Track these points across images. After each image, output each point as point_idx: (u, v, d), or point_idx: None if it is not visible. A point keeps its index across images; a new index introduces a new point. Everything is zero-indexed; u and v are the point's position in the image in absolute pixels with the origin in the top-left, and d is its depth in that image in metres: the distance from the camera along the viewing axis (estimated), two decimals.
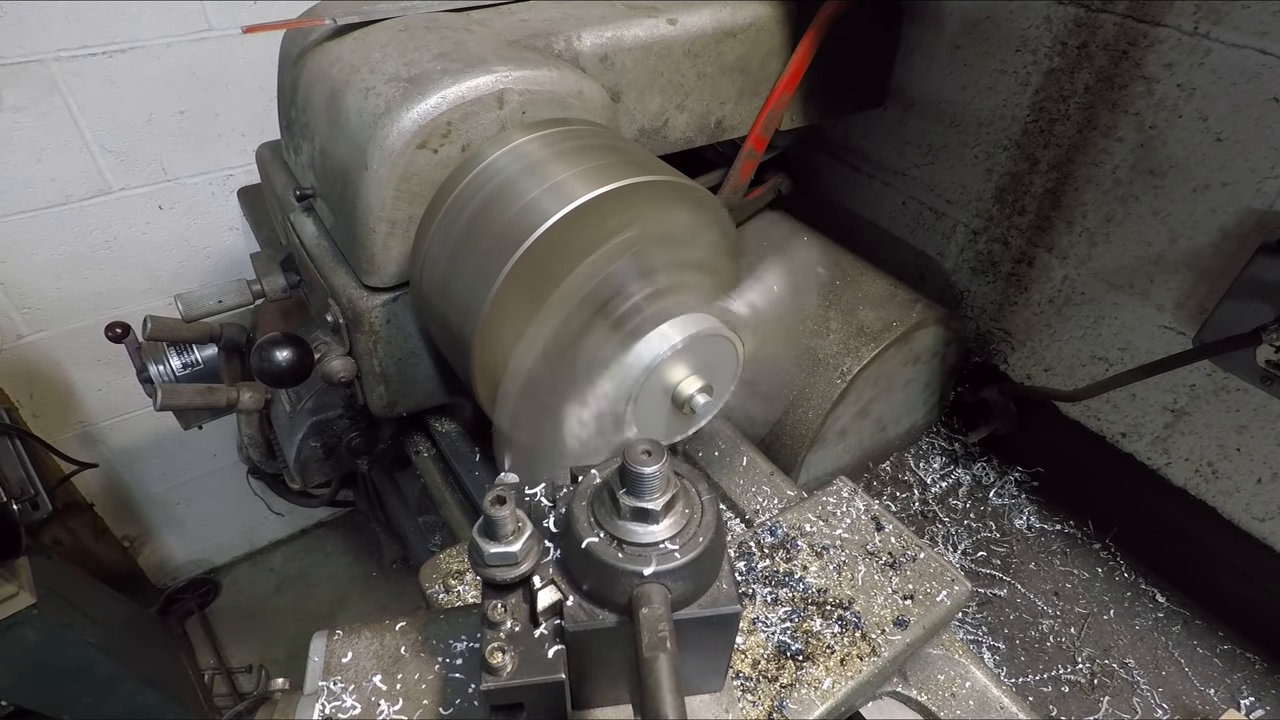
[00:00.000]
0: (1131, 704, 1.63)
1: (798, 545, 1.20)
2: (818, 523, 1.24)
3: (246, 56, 2.62)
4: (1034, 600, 1.82)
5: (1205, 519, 1.76)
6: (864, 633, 1.10)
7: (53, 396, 2.93)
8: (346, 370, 1.58)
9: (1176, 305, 1.69)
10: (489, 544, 0.79)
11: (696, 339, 1.24)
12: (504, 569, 0.79)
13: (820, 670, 1.05)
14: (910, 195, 2.25)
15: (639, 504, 0.77)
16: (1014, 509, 2.04)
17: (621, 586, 0.77)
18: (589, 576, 0.79)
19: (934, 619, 1.13)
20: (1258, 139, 1.48)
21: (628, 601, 0.76)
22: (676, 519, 0.79)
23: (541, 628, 0.80)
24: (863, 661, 1.07)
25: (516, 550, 0.79)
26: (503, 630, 0.80)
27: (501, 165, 1.32)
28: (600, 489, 0.81)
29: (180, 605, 3.77)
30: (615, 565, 0.76)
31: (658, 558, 0.76)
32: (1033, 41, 1.80)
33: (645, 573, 0.76)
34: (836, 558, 1.19)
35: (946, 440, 2.19)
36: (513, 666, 0.77)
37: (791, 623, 1.10)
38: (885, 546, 1.21)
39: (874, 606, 1.13)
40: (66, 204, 2.59)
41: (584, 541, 0.78)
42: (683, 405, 1.27)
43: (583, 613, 0.79)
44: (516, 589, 0.83)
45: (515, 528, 0.79)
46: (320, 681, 0.94)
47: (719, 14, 1.72)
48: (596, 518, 0.80)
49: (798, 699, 1.02)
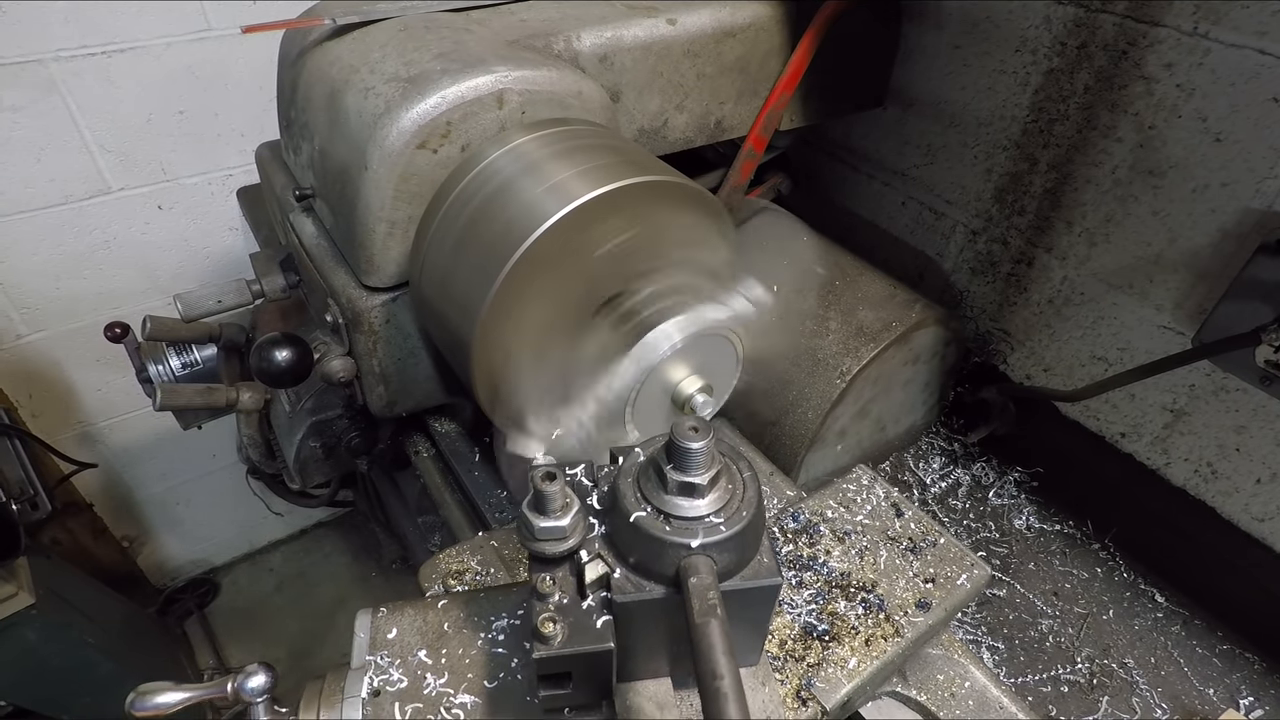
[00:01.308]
0: (1131, 704, 1.63)
1: (820, 531, 1.23)
2: (839, 509, 1.27)
3: (246, 56, 2.62)
4: (1033, 600, 1.82)
5: (1204, 519, 1.76)
6: (887, 614, 1.13)
7: (52, 396, 2.93)
8: (346, 370, 1.58)
9: (1176, 305, 1.69)
10: (539, 518, 0.82)
11: (696, 339, 1.24)
12: (553, 543, 0.83)
13: (846, 650, 1.08)
14: (910, 195, 2.25)
15: (686, 479, 0.80)
16: (1013, 509, 2.04)
17: (669, 558, 0.80)
18: (636, 549, 0.82)
19: (955, 601, 1.16)
20: (1257, 139, 1.48)
21: (674, 573, 0.80)
22: (720, 494, 0.82)
23: (589, 600, 0.83)
24: (887, 642, 1.10)
25: (565, 525, 0.82)
26: (551, 602, 0.83)
27: (501, 165, 1.32)
28: (646, 465, 0.85)
29: (179, 605, 3.77)
30: (663, 538, 0.79)
31: (704, 530, 0.79)
32: (1032, 41, 1.80)
33: (692, 545, 0.78)
34: (858, 543, 1.22)
35: (946, 440, 2.19)
36: (563, 636, 0.81)
37: (817, 604, 1.13)
38: (905, 532, 1.24)
39: (896, 589, 1.16)
40: (66, 204, 2.59)
41: (632, 515, 0.81)
42: (683, 405, 1.27)
43: (630, 584, 0.82)
44: (564, 563, 0.86)
45: (564, 503, 0.83)
46: (368, 656, 0.96)
47: (718, 14, 1.72)
48: (643, 493, 0.83)
49: (824, 678, 1.05)
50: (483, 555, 1.39)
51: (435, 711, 0.91)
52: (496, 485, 1.84)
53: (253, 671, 0.89)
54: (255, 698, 0.89)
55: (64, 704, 2.48)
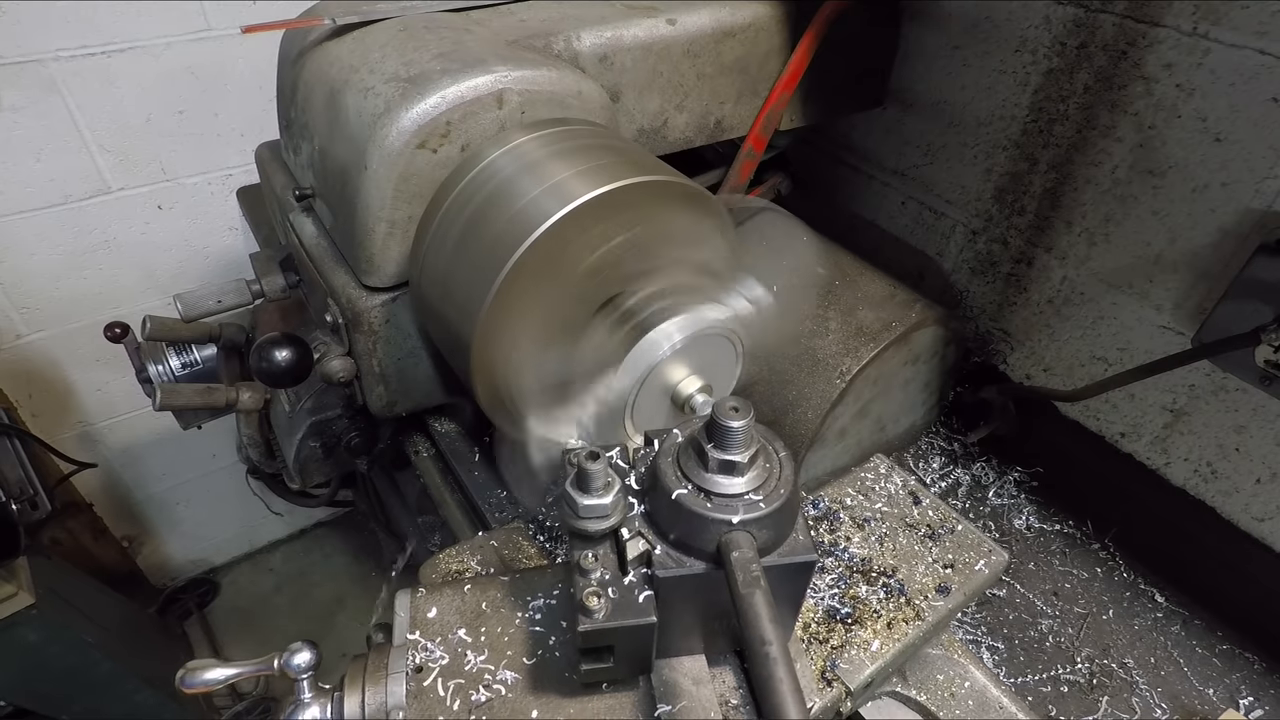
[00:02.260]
0: (1130, 704, 1.63)
1: (840, 518, 1.26)
2: (858, 497, 1.29)
3: (246, 56, 2.62)
4: (1033, 600, 1.82)
5: (1204, 519, 1.76)
6: (908, 598, 1.15)
7: (52, 396, 2.93)
8: (346, 370, 1.58)
9: (1175, 305, 1.69)
10: (582, 497, 0.85)
11: (696, 339, 1.24)
12: (596, 521, 0.86)
13: (868, 633, 1.11)
14: (909, 195, 2.25)
15: (727, 457, 0.82)
16: (1013, 509, 2.04)
17: (710, 534, 0.82)
18: (677, 526, 0.85)
19: (974, 586, 1.19)
20: (1257, 139, 1.48)
21: (715, 549, 0.82)
22: (759, 473, 0.85)
23: (630, 576, 0.86)
24: (908, 625, 1.12)
25: (608, 503, 0.85)
26: (594, 577, 0.86)
27: (501, 165, 1.32)
28: (686, 445, 0.88)
29: (179, 605, 3.77)
30: (705, 514, 0.81)
31: (744, 507, 0.82)
32: (1032, 42, 1.80)
33: (734, 521, 0.81)
34: (878, 529, 1.24)
35: (946, 440, 2.19)
36: (607, 610, 0.83)
37: (839, 589, 1.16)
38: (924, 519, 1.27)
39: (916, 574, 1.18)
40: (66, 204, 2.59)
41: (674, 493, 0.83)
42: (682, 405, 1.27)
43: (671, 560, 0.85)
44: (604, 541, 0.89)
45: (606, 482, 0.86)
46: (409, 635, 0.99)
47: (718, 14, 1.72)
48: (684, 471, 0.85)
49: (848, 659, 1.07)
50: (483, 555, 1.39)
51: (477, 687, 0.94)
52: (496, 485, 1.84)
53: (298, 649, 0.92)
54: (300, 674, 0.91)
55: (64, 704, 2.48)
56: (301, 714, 0.91)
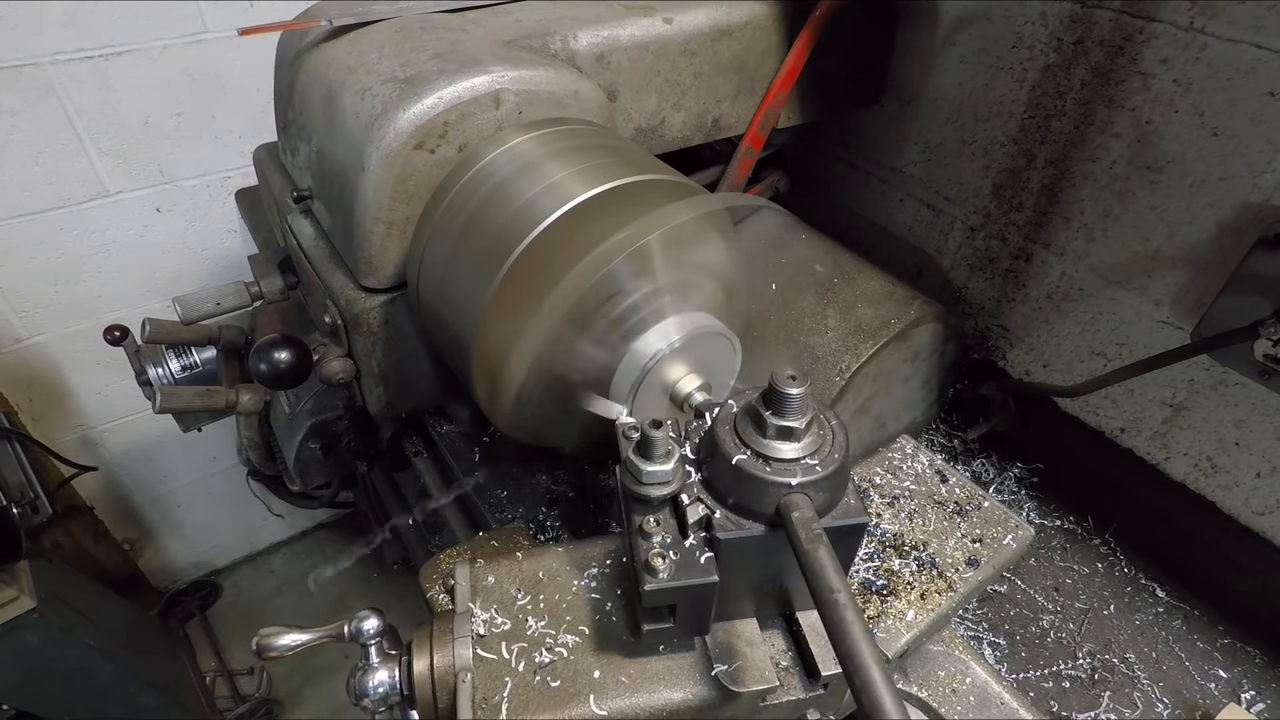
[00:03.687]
0: (1132, 699, 1.63)
1: (870, 496, 1.29)
2: (886, 475, 1.32)
3: (243, 58, 2.63)
4: (1034, 596, 1.82)
5: (1205, 513, 1.76)
6: (940, 571, 1.18)
7: (52, 400, 2.93)
8: (345, 371, 1.58)
9: (1174, 300, 1.69)
10: (645, 463, 0.89)
11: (694, 337, 1.24)
12: (658, 486, 0.90)
13: (903, 604, 1.14)
14: (907, 192, 2.25)
15: (784, 423, 0.86)
16: (1013, 505, 2.03)
17: (769, 497, 0.86)
18: (736, 491, 0.88)
19: (1003, 559, 1.21)
20: (1254, 133, 1.48)
21: (773, 512, 0.86)
22: (814, 439, 0.88)
23: (690, 539, 0.89)
24: (941, 596, 1.15)
25: (669, 469, 0.89)
26: (656, 540, 0.89)
27: (498, 165, 1.32)
28: (743, 413, 0.91)
29: (181, 608, 3.77)
30: (764, 478, 0.85)
31: (801, 470, 0.85)
32: (1029, 38, 1.80)
33: (792, 483, 0.85)
34: (907, 506, 1.28)
35: (946, 437, 2.19)
36: (671, 570, 0.86)
37: (874, 563, 1.19)
38: (951, 496, 1.30)
39: (946, 549, 1.22)
40: (64, 207, 2.59)
41: (734, 459, 0.87)
42: (681, 403, 1.27)
43: (730, 523, 0.89)
44: (663, 507, 0.93)
45: (667, 450, 0.90)
46: (469, 602, 1.02)
47: (715, 13, 1.72)
48: (742, 438, 0.89)
49: (885, 629, 1.11)
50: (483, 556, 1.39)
51: (540, 649, 0.97)
52: (496, 485, 1.85)
53: (365, 616, 0.96)
54: (369, 640, 0.96)
55: (66, 707, 2.48)
56: (371, 678, 0.95)
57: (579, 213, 1.20)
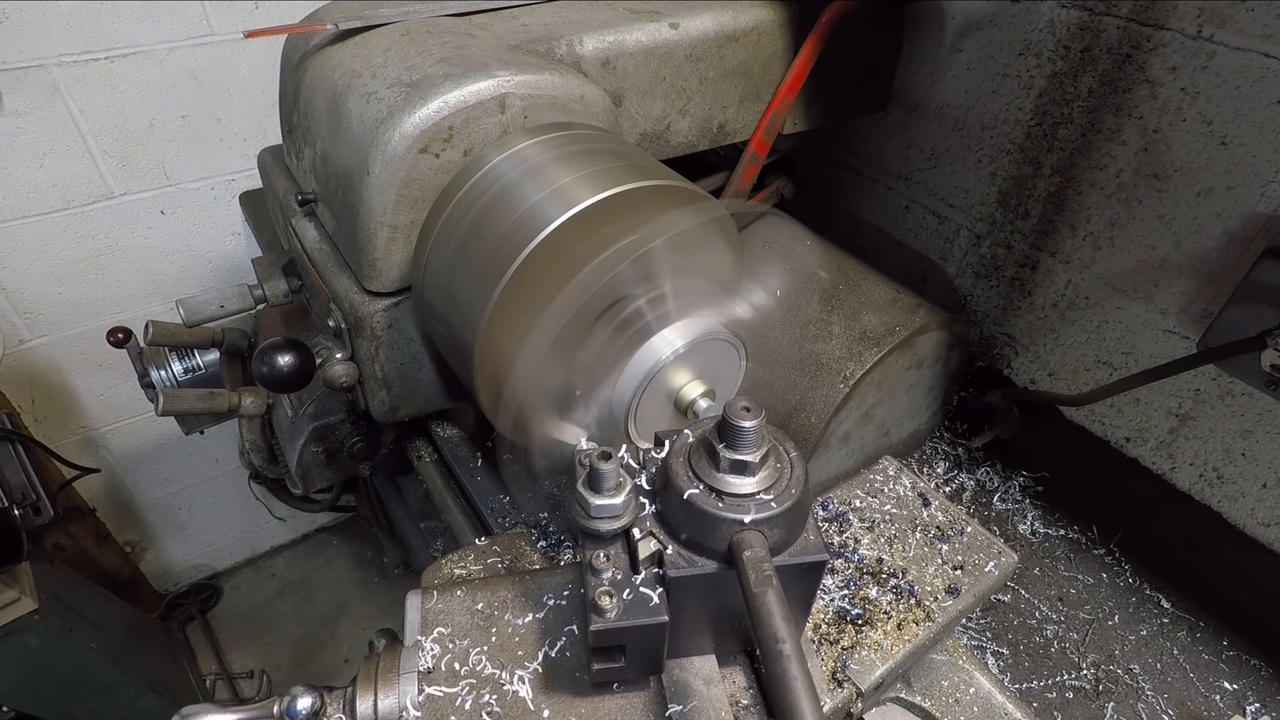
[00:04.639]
0: (1136, 710, 1.62)
1: (849, 519, 1.26)
2: (867, 498, 1.30)
3: (248, 61, 2.63)
4: (1038, 606, 1.82)
5: (1210, 524, 1.75)
6: (918, 599, 1.15)
7: (54, 401, 2.93)
8: (348, 375, 1.58)
9: (1181, 309, 1.68)
10: (594, 497, 0.85)
11: (699, 343, 1.24)
12: (608, 520, 0.86)
13: (879, 634, 1.11)
14: (913, 199, 2.25)
15: (738, 457, 0.83)
16: (1018, 514, 2.03)
17: (722, 534, 0.82)
18: (688, 526, 0.85)
19: (984, 588, 1.19)
20: (1262, 142, 1.47)
21: (726, 549, 0.82)
22: (770, 472, 0.85)
23: (641, 576, 0.86)
24: (918, 626, 1.12)
25: (619, 503, 0.86)
26: (605, 577, 0.86)
27: (503, 170, 1.32)
28: (698, 445, 0.88)
29: (182, 610, 3.77)
30: (716, 514, 0.82)
31: (755, 507, 0.82)
32: (1036, 45, 1.79)
33: (745, 520, 0.81)
34: (887, 531, 1.25)
35: (950, 445, 2.19)
36: (619, 609, 0.83)
37: (849, 590, 1.16)
38: (933, 520, 1.27)
39: (926, 576, 1.19)
40: (68, 209, 2.59)
41: (685, 493, 0.83)
42: (685, 410, 1.27)
43: (682, 560, 0.85)
44: (616, 541, 0.89)
45: (618, 482, 0.86)
46: (419, 635, 0.99)
47: (721, 18, 1.72)
48: (695, 471, 0.86)
49: (859, 660, 1.08)
50: (485, 560, 1.39)
51: (488, 687, 0.94)
52: (498, 490, 1.84)
53: (299, 694, 0.91)
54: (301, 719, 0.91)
55: (66, 709, 2.48)
56: None
57: (584, 218, 1.19)
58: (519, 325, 1.20)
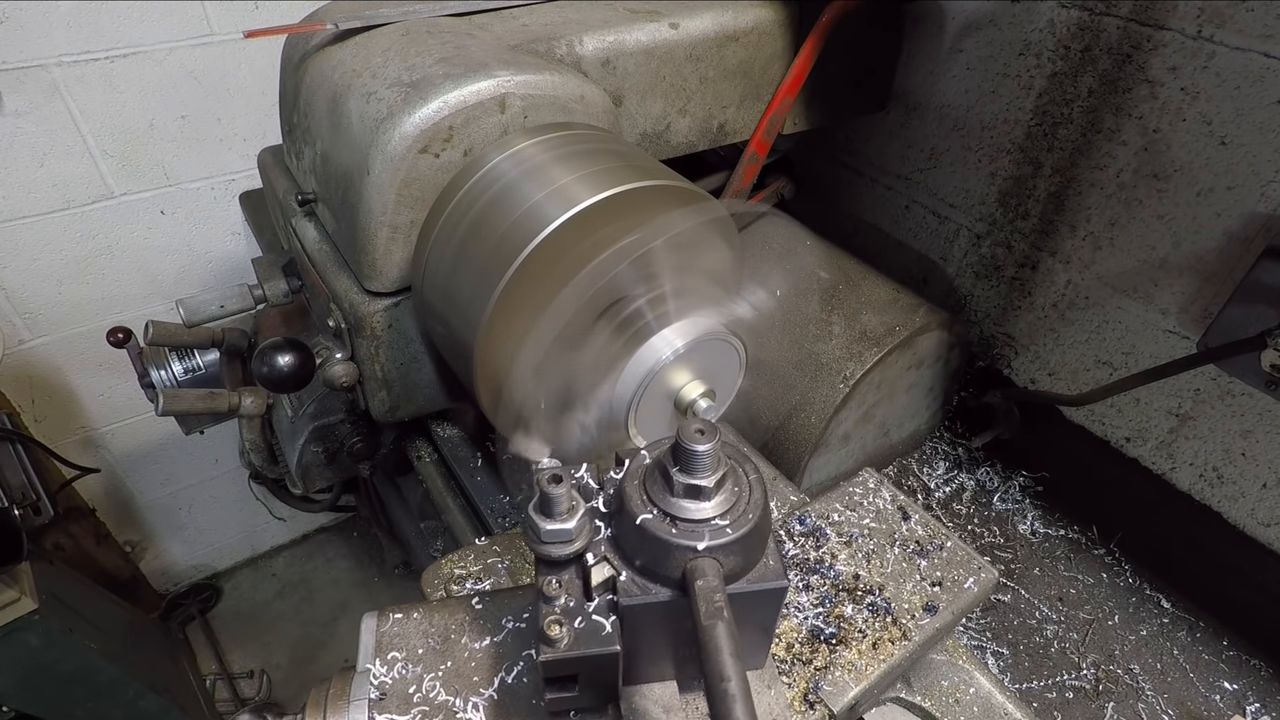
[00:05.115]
0: (1136, 710, 1.62)
1: (826, 534, 1.23)
2: (845, 512, 1.27)
3: (248, 61, 2.63)
4: (1038, 606, 1.82)
5: (1210, 524, 1.75)
6: (895, 618, 1.13)
7: (54, 401, 2.93)
8: (348, 375, 1.58)
9: (1181, 309, 1.68)
10: (545, 521, 0.81)
11: (699, 343, 1.24)
12: (559, 546, 0.82)
13: (853, 653, 1.08)
14: (913, 199, 2.25)
15: (692, 481, 0.80)
16: (1018, 514, 2.03)
17: (675, 561, 0.79)
18: (642, 552, 0.82)
19: (962, 605, 1.16)
20: (1262, 142, 1.47)
21: (681, 576, 0.79)
22: (727, 496, 0.82)
23: (595, 602, 0.83)
24: (894, 645, 1.10)
25: (571, 527, 0.82)
26: (558, 605, 0.83)
27: (503, 170, 1.32)
28: (652, 468, 0.84)
29: (182, 610, 3.77)
30: (669, 540, 0.79)
31: (710, 533, 0.79)
32: (1036, 45, 1.79)
33: (699, 547, 0.78)
34: (865, 546, 1.22)
35: (950, 445, 2.19)
36: (569, 639, 0.81)
37: (823, 608, 1.13)
38: (912, 535, 1.24)
39: (903, 592, 1.16)
40: (68, 209, 2.59)
41: (638, 518, 0.80)
42: (685, 410, 1.27)
43: (636, 587, 0.82)
44: (570, 565, 0.85)
45: (570, 505, 0.82)
46: (373, 657, 0.97)
47: (721, 18, 1.72)
48: (649, 495, 0.82)
49: (832, 681, 1.05)
50: (485, 560, 1.38)
51: (440, 715, 0.92)
52: (499, 490, 1.84)
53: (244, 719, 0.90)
54: None
55: (66, 709, 2.48)
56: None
57: (584, 218, 1.19)
58: (519, 325, 1.20)
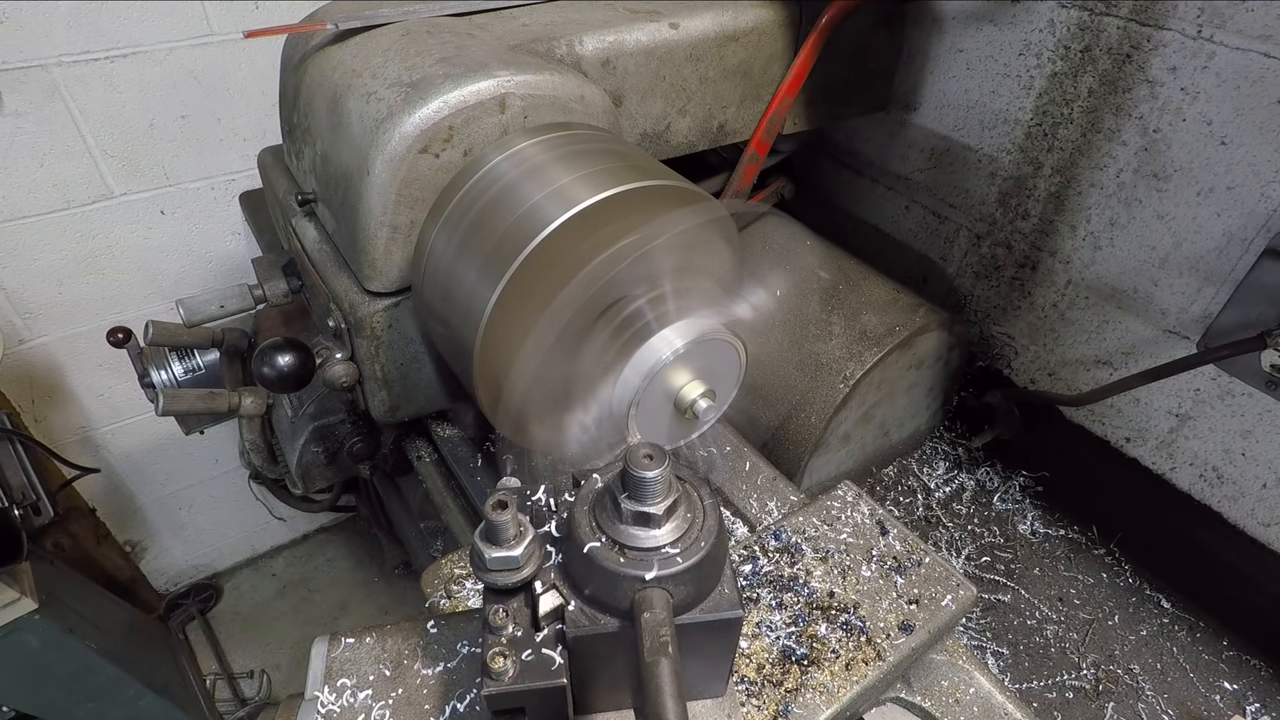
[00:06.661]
0: (1136, 710, 1.62)
1: (802, 549, 1.21)
2: (822, 527, 1.24)
3: (248, 61, 2.63)
4: (1038, 606, 1.82)
5: (1210, 524, 1.75)
6: (869, 637, 1.10)
7: (54, 401, 2.93)
8: (348, 375, 1.58)
9: (1181, 310, 1.68)
10: (490, 549, 0.78)
11: (699, 343, 1.24)
12: (505, 574, 0.79)
13: (825, 675, 1.05)
14: (913, 199, 2.25)
15: (641, 508, 0.76)
16: (1018, 514, 2.03)
17: (623, 591, 0.76)
18: (591, 581, 0.78)
19: (939, 623, 1.13)
20: (1262, 142, 1.47)
21: (630, 606, 0.76)
22: (678, 523, 0.78)
23: (543, 633, 0.80)
24: (868, 666, 1.07)
25: (518, 555, 0.78)
26: (504, 635, 0.80)
27: (503, 170, 1.32)
28: (602, 493, 0.81)
29: (182, 610, 3.77)
30: (616, 570, 0.75)
31: (659, 562, 0.76)
32: (1036, 45, 1.79)
33: (647, 577, 0.75)
34: (841, 562, 1.19)
35: (950, 445, 2.19)
36: (514, 671, 0.77)
37: (796, 627, 1.10)
38: (890, 551, 1.21)
39: (879, 611, 1.13)
40: (68, 209, 2.59)
41: (585, 546, 0.77)
42: (685, 410, 1.26)
43: (584, 617, 0.79)
44: (518, 594, 0.82)
45: (517, 532, 0.79)
46: (322, 685, 0.94)
47: (721, 18, 1.72)
48: (598, 522, 0.79)
49: (803, 704, 1.02)
50: None
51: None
52: None
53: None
54: None
55: (66, 709, 2.48)
56: None
57: (584, 218, 1.19)
58: (519, 325, 1.20)
